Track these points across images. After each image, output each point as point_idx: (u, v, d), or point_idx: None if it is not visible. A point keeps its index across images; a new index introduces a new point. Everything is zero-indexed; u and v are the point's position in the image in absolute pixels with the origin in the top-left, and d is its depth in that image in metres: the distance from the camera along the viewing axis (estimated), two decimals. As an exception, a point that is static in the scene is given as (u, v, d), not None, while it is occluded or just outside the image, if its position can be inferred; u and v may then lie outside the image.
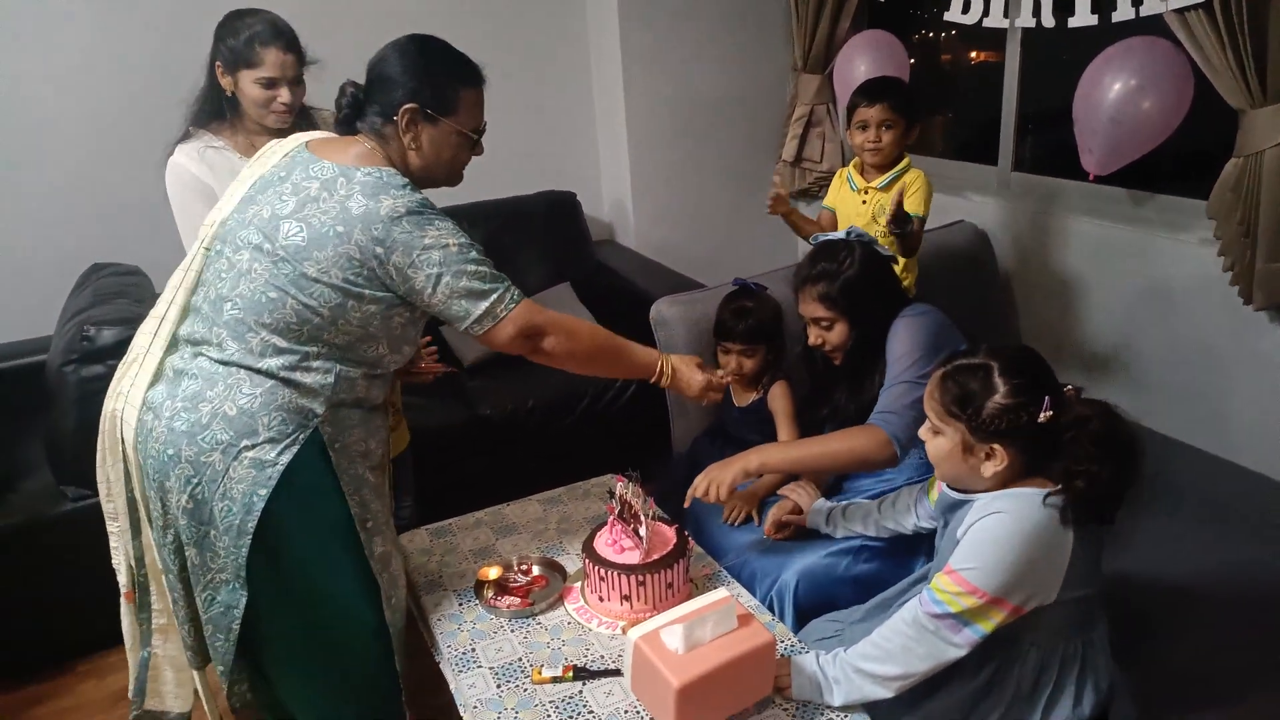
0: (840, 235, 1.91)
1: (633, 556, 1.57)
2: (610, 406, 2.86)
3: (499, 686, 1.45)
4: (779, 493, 1.95)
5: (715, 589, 1.47)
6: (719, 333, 2.16)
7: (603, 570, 1.56)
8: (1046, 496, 1.27)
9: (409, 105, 1.45)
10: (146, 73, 2.77)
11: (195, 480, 1.38)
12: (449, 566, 1.78)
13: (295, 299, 1.39)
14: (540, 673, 1.45)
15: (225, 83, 1.93)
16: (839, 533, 1.80)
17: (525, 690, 1.44)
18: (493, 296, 1.44)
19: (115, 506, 1.51)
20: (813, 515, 1.85)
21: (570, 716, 1.38)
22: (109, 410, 1.47)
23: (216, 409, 1.39)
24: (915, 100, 2.29)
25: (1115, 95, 2.34)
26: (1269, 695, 1.54)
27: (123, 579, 1.56)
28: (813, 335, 1.92)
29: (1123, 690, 1.41)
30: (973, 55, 3.54)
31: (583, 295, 3.25)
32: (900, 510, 1.71)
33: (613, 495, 1.63)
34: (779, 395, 2.11)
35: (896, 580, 1.67)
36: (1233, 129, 2.18)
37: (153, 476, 1.41)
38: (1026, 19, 2.55)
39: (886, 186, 2.28)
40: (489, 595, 1.66)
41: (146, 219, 2.40)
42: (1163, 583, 1.78)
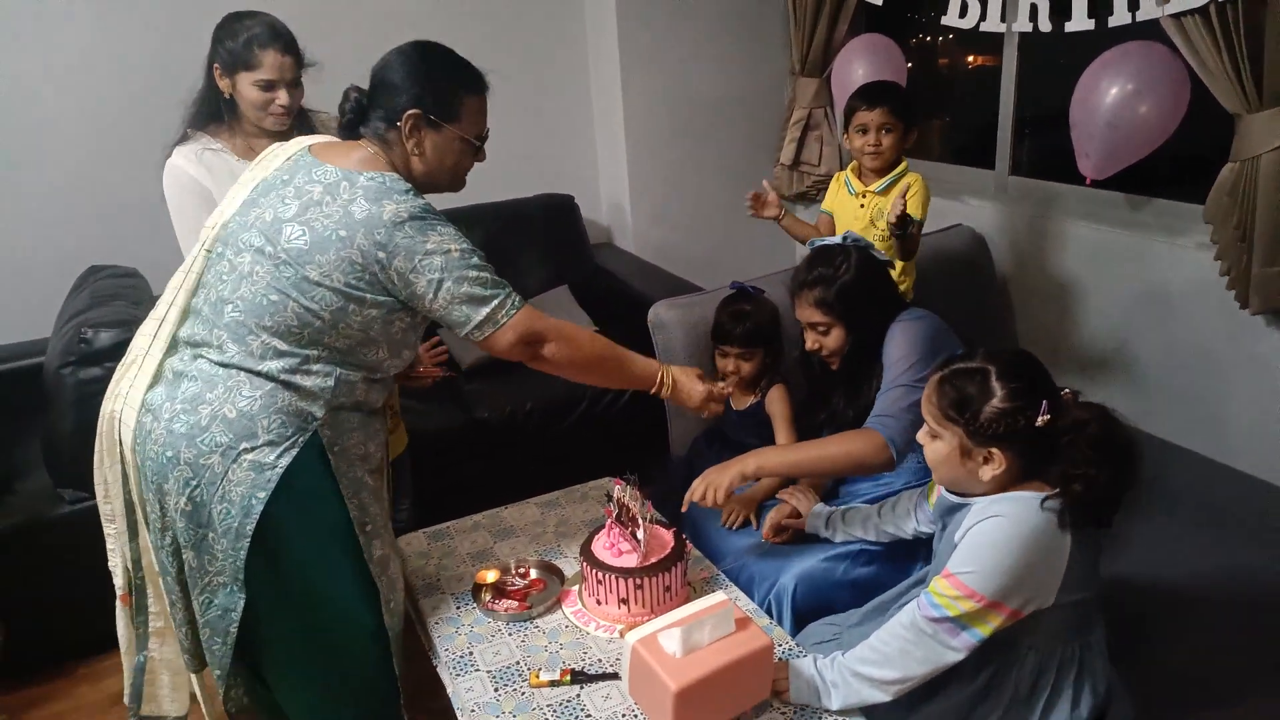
0: (836, 240, 1.92)
1: (630, 560, 1.57)
2: (608, 410, 2.86)
3: (497, 690, 1.45)
4: (777, 496, 1.95)
5: (713, 592, 1.47)
6: (717, 336, 2.16)
7: (600, 573, 1.56)
8: (1044, 500, 1.28)
9: (413, 111, 1.45)
10: (145, 74, 2.77)
11: (194, 482, 1.38)
12: (447, 569, 1.78)
13: (297, 302, 1.39)
14: (538, 676, 1.45)
15: (223, 85, 1.92)
16: (838, 537, 1.80)
17: (523, 694, 1.44)
18: (494, 303, 1.44)
19: (112, 508, 1.50)
20: (812, 519, 1.85)
21: (568, 720, 1.38)
22: (107, 411, 1.47)
23: (216, 411, 1.39)
24: (913, 104, 2.29)
25: (1112, 100, 2.35)
26: (1266, 698, 1.54)
27: (119, 581, 1.55)
28: (810, 340, 1.92)
29: (1120, 693, 1.41)
30: (970, 59, 3.55)
31: (581, 298, 3.26)
32: (900, 515, 1.71)
33: (610, 498, 1.63)
34: (777, 399, 2.11)
35: (894, 584, 1.67)
36: (1229, 133, 2.19)
37: (151, 478, 1.41)
38: (1023, 23, 2.56)
39: (885, 190, 2.28)
40: (487, 598, 1.65)
41: (144, 221, 2.40)
42: (1160, 586, 1.78)
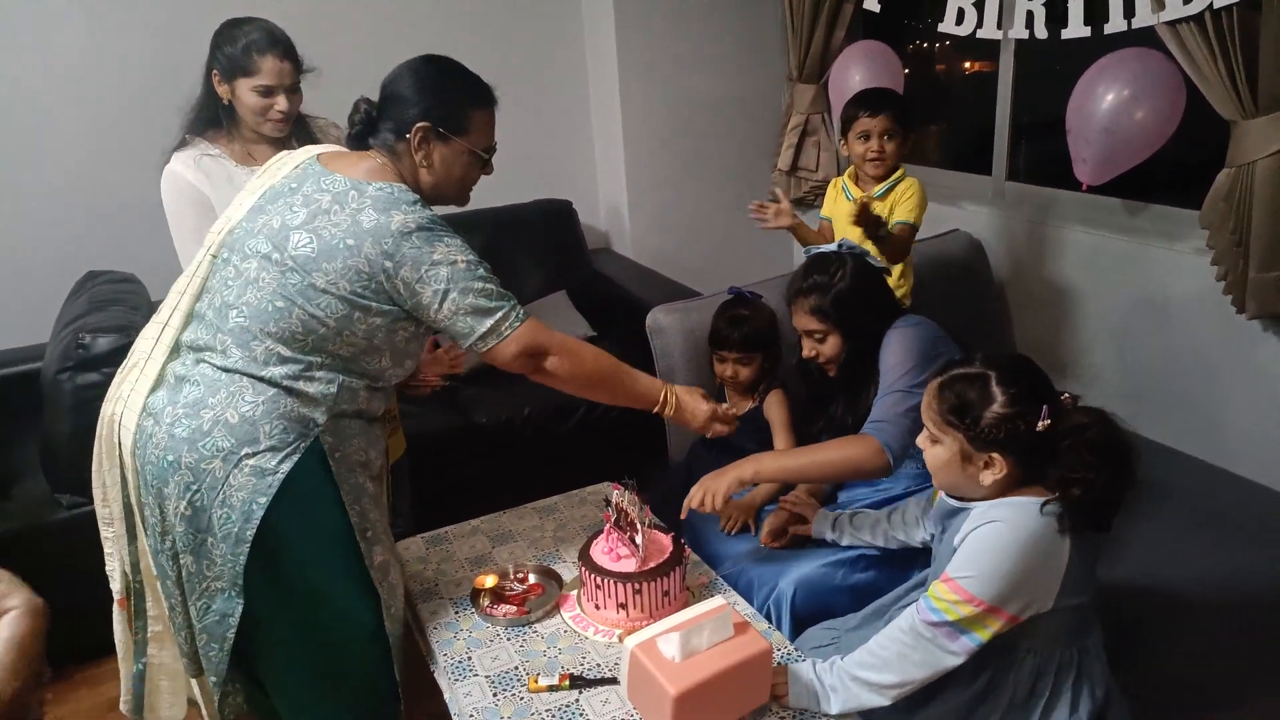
0: (832, 248, 1.92)
1: (629, 564, 1.57)
2: (606, 415, 2.86)
3: (495, 695, 1.45)
4: (780, 502, 1.95)
5: (712, 597, 1.47)
6: (714, 341, 2.16)
7: (599, 578, 1.56)
8: (1044, 505, 1.28)
9: (422, 124, 1.47)
10: (143, 78, 2.78)
11: (194, 487, 1.38)
12: (445, 574, 1.78)
13: (302, 309, 1.39)
14: (537, 681, 1.45)
15: (222, 91, 1.93)
16: (845, 540, 1.79)
17: (521, 699, 1.43)
18: (498, 314, 1.45)
19: (110, 512, 1.50)
20: (818, 522, 1.84)
21: (567, 725, 1.38)
22: (107, 414, 1.47)
23: (218, 416, 1.39)
24: (911, 110, 2.31)
25: (1108, 105, 2.36)
26: (1264, 701, 1.55)
27: (116, 586, 1.55)
28: (806, 348, 1.92)
29: (1118, 697, 1.41)
30: (967, 65, 3.56)
31: (579, 303, 3.26)
32: (909, 522, 1.71)
33: (609, 503, 1.63)
34: (775, 404, 2.11)
35: (893, 589, 1.67)
36: (1225, 139, 2.20)
37: (150, 482, 1.41)
38: (1020, 30, 2.57)
39: (883, 195, 2.29)
40: (485, 603, 1.65)
41: (142, 226, 2.40)
42: (1158, 590, 1.79)
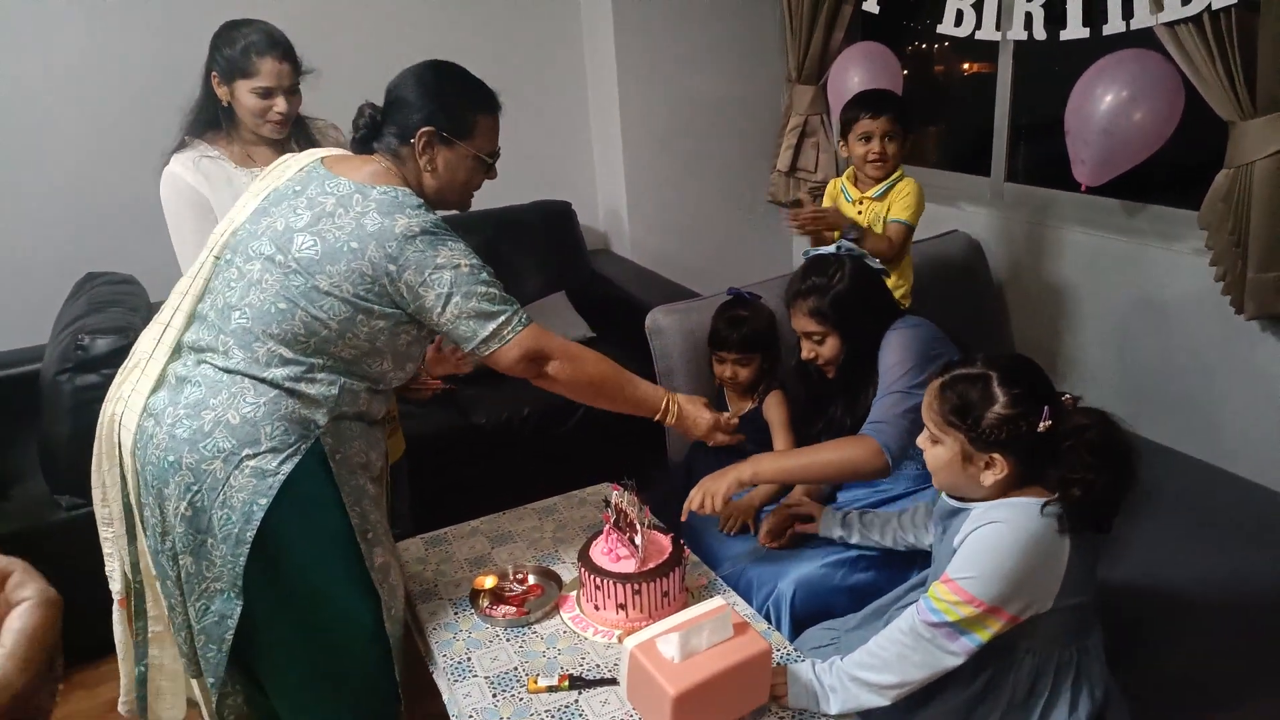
0: (830, 250, 1.92)
1: (628, 565, 1.57)
2: (606, 415, 2.83)
3: (495, 696, 1.44)
4: (791, 511, 1.92)
5: (711, 598, 1.47)
6: (713, 342, 2.16)
7: (598, 579, 1.56)
8: (1044, 506, 1.28)
9: (426, 128, 1.47)
10: (143, 79, 2.78)
11: (195, 488, 1.38)
12: (444, 575, 1.78)
13: (305, 311, 1.40)
14: (536, 682, 1.45)
15: (221, 93, 1.93)
16: (854, 538, 1.78)
17: (521, 699, 1.43)
18: (500, 318, 1.46)
19: (110, 511, 1.50)
20: (826, 520, 1.83)
21: (566, 725, 1.38)
22: (107, 414, 1.47)
23: (219, 417, 1.39)
24: (910, 111, 2.31)
25: (1107, 106, 2.36)
26: (1263, 701, 1.55)
27: (116, 586, 1.55)
28: (805, 349, 1.92)
29: (1117, 697, 1.41)
30: (965, 67, 3.57)
31: (578, 304, 3.26)
32: (918, 524, 1.70)
33: (608, 504, 1.63)
34: (774, 404, 2.11)
35: (892, 589, 1.67)
36: (1223, 140, 2.20)
37: (151, 483, 1.41)
38: (1018, 32, 2.58)
39: (881, 196, 2.30)
40: (484, 604, 1.65)
41: (141, 228, 2.40)
42: (1157, 590, 1.79)
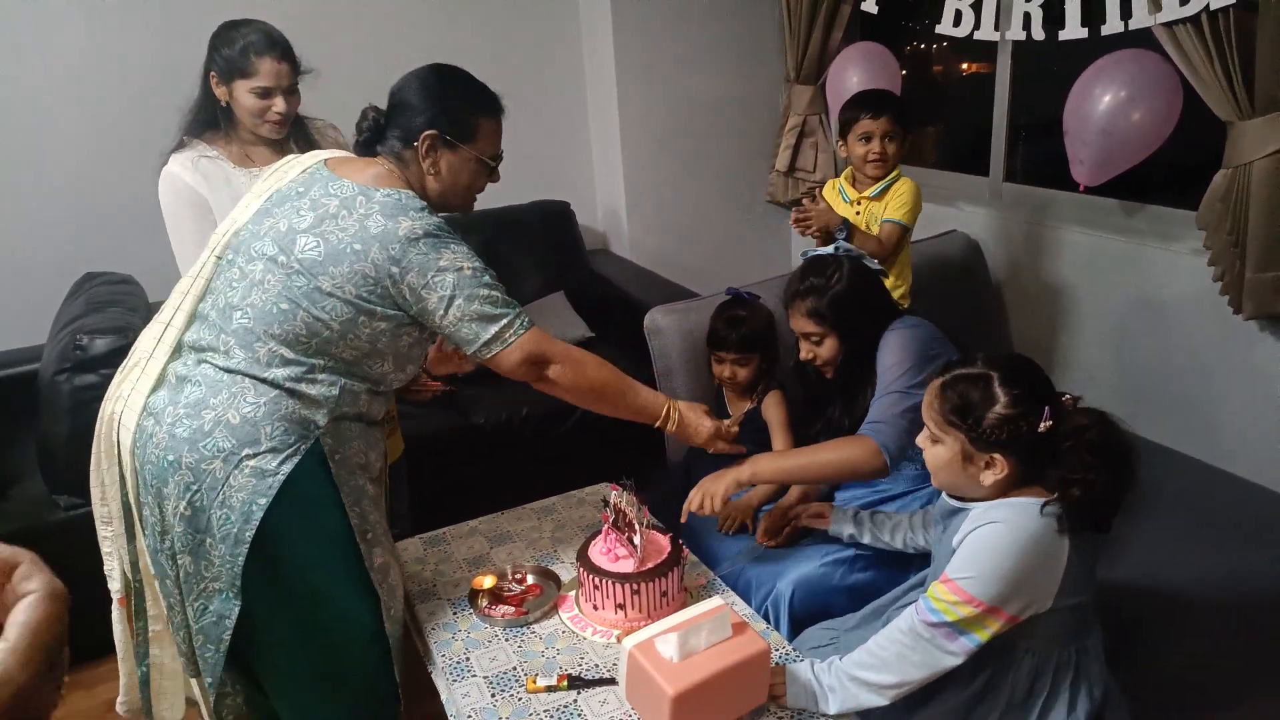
0: (828, 251, 1.93)
1: (627, 565, 1.57)
2: (604, 416, 2.85)
3: (493, 696, 1.44)
4: (805, 522, 1.90)
5: (710, 597, 1.47)
6: (712, 342, 2.16)
7: (597, 579, 1.56)
8: (1044, 506, 1.28)
9: (430, 132, 1.48)
10: (143, 80, 2.78)
11: (194, 487, 1.38)
12: (443, 575, 1.78)
13: (307, 312, 1.40)
14: (535, 682, 1.45)
15: (220, 93, 1.93)
16: (865, 537, 1.77)
17: (520, 699, 1.43)
18: (502, 322, 1.46)
19: (109, 510, 1.50)
20: (836, 518, 1.81)
21: (565, 725, 1.38)
22: (106, 413, 1.47)
23: (219, 416, 1.39)
24: (908, 111, 2.32)
25: (1105, 107, 2.36)
26: (1263, 701, 1.55)
27: (115, 585, 1.55)
28: (804, 350, 1.92)
29: (1116, 697, 1.41)
30: (964, 67, 3.57)
31: (577, 304, 3.26)
32: (929, 526, 1.69)
33: (607, 504, 1.63)
34: (773, 405, 2.11)
35: (891, 589, 1.67)
36: (1221, 140, 2.20)
37: (150, 482, 1.41)
38: (1017, 32, 2.58)
39: (879, 196, 2.30)
40: (483, 604, 1.65)
41: (140, 228, 2.40)
42: (1155, 589, 1.79)
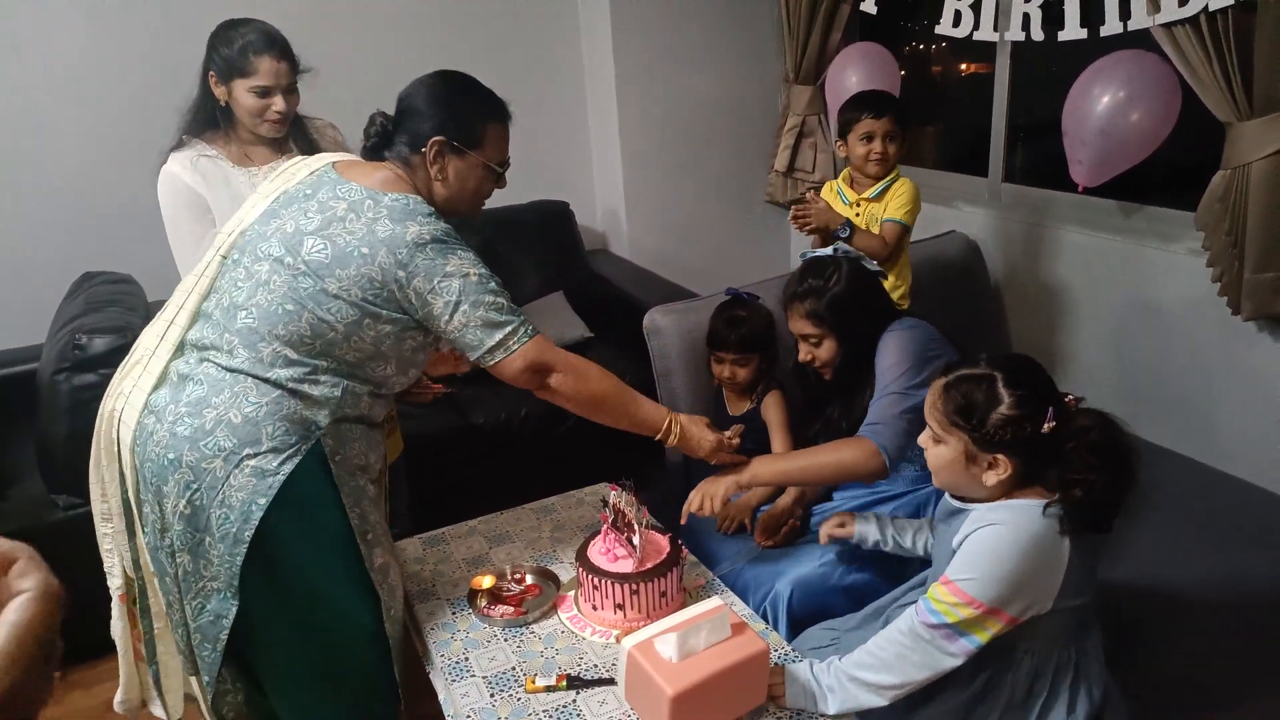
0: (827, 252, 1.93)
1: (626, 565, 1.56)
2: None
3: (492, 696, 1.44)
4: (828, 536, 1.83)
5: (709, 598, 1.47)
6: (712, 342, 2.16)
7: (596, 579, 1.56)
8: (1046, 507, 1.28)
9: (437, 138, 1.49)
10: (142, 80, 2.78)
11: (194, 486, 1.38)
12: (442, 575, 1.78)
13: (312, 313, 1.41)
14: (534, 682, 1.45)
15: (219, 92, 1.93)
16: (888, 545, 1.72)
17: (519, 699, 1.43)
18: (507, 329, 1.46)
19: (109, 507, 1.50)
20: (860, 526, 1.74)
21: (564, 725, 1.38)
22: (107, 410, 1.47)
23: (221, 415, 1.39)
24: (907, 112, 2.32)
25: (1104, 108, 2.36)
26: (1263, 701, 1.55)
27: (116, 582, 1.55)
28: (802, 351, 1.92)
29: (1116, 698, 1.41)
30: (963, 67, 3.57)
31: (576, 305, 3.26)
32: None
33: (606, 504, 1.63)
34: (773, 405, 2.11)
35: (888, 590, 1.67)
36: (1220, 141, 2.20)
37: (149, 480, 1.41)
38: (1016, 32, 2.58)
39: (878, 196, 2.30)
40: (482, 604, 1.65)
41: (139, 227, 2.39)
42: (1157, 590, 1.79)
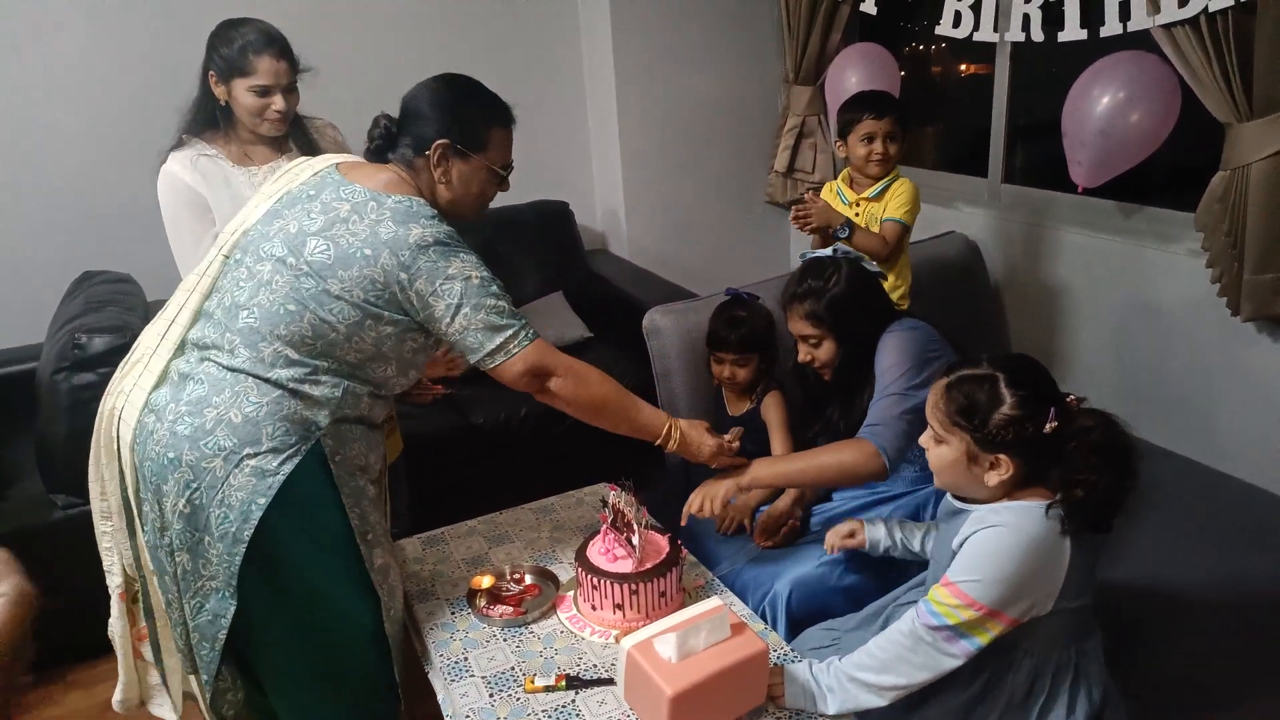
0: (827, 253, 1.93)
1: (626, 565, 1.57)
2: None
3: (491, 696, 1.44)
4: (835, 548, 1.82)
5: (708, 598, 1.47)
6: (712, 342, 2.16)
7: (595, 579, 1.56)
8: (1048, 509, 1.28)
9: (441, 141, 1.49)
10: (142, 80, 2.78)
11: (194, 485, 1.38)
12: (442, 575, 1.78)
13: (314, 313, 1.41)
14: (533, 682, 1.45)
15: (219, 92, 1.93)
16: (897, 550, 1.71)
17: (518, 699, 1.43)
18: (507, 332, 1.46)
19: (109, 505, 1.50)
20: (870, 531, 1.72)
21: (563, 726, 1.38)
22: (107, 408, 1.47)
23: (221, 415, 1.39)
24: (906, 112, 2.32)
25: (1104, 108, 2.37)
26: (1263, 701, 1.55)
27: (115, 580, 1.55)
28: (802, 352, 1.92)
29: (1115, 698, 1.41)
30: (963, 68, 3.57)
31: (575, 305, 3.26)
32: None
33: (606, 504, 1.63)
34: (772, 405, 2.11)
35: (887, 590, 1.67)
36: (1219, 142, 2.20)
37: (149, 479, 1.41)
38: (1016, 33, 2.58)
39: (877, 197, 2.30)
40: (482, 604, 1.65)
41: (139, 227, 2.39)
42: (1155, 590, 1.79)
